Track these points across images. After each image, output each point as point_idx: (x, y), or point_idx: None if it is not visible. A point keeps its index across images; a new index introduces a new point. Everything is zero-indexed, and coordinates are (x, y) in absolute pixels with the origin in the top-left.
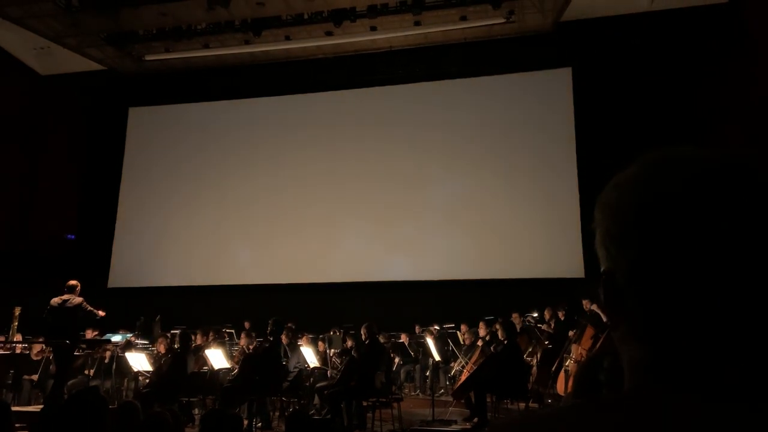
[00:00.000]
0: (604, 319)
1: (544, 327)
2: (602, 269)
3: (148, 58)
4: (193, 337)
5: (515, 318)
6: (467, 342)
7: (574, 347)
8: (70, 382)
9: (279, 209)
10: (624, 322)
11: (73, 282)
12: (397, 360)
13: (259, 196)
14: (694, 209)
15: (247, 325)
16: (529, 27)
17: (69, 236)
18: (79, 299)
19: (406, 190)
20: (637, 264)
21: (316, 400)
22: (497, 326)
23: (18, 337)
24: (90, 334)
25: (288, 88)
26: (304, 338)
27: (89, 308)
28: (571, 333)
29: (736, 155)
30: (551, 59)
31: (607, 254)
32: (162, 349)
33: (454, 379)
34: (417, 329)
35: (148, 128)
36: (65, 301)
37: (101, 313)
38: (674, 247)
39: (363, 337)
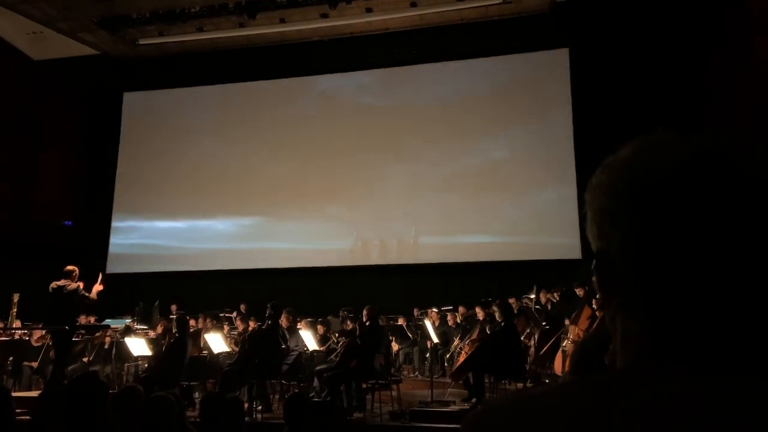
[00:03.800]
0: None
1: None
2: (595, 248)
3: (142, 42)
4: (193, 322)
5: (512, 300)
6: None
7: (571, 328)
8: (69, 368)
9: (276, 193)
10: (618, 299)
11: (70, 267)
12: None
13: (256, 180)
14: (687, 183)
15: (243, 308)
16: (526, 7)
17: (66, 222)
18: (76, 284)
19: (401, 173)
20: (631, 238)
21: (316, 382)
22: (494, 308)
23: (17, 324)
24: (84, 319)
25: (283, 71)
26: (303, 322)
27: (84, 293)
28: (567, 322)
29: (728, 137)
30: (548, 40)
31: (600, 232)
32: (159, 329)
33: (452, 360)
34: (416, 312)
35: (144, 113)
36: (62, 286)
37: (97, 288)
38: (668, 220)
39: (364, 318)
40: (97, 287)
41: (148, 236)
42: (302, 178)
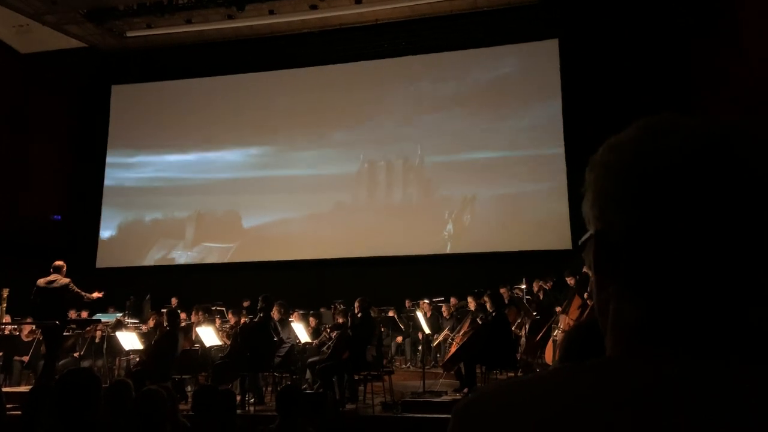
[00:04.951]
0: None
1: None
2: (593, 229)
3: (130, 34)
4: (185, 315)
5: (503, 291)
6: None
7: (561, 317)
8: (60, 363)
9: (265, 187)
10: (614, 283)
11: (59, 262)
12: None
13: (244, 173)
14: (698, 172)
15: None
16: None
17: (55, 217)
18: (65, 280)
19: (392, 165)
20: (636, 223)
21: (308, 374)
22: (486, 298)
23: (7, 319)
24: (74, 314)
25: (272, 63)
26: (295, 314)
27: (76, 289)
28: (558, 309)
29: (736, 126)
30: (538, 31)
31: (601, 214)
32: (151, 324)
33: (443, 351)
34: (407, 303)
35: (132, 106)
36: (51, 281)
37: (96, 294)
38: (677, 208)
39: (356, 310)
40: (97, 294)
41: (138, 230)
42: (292, 171)
